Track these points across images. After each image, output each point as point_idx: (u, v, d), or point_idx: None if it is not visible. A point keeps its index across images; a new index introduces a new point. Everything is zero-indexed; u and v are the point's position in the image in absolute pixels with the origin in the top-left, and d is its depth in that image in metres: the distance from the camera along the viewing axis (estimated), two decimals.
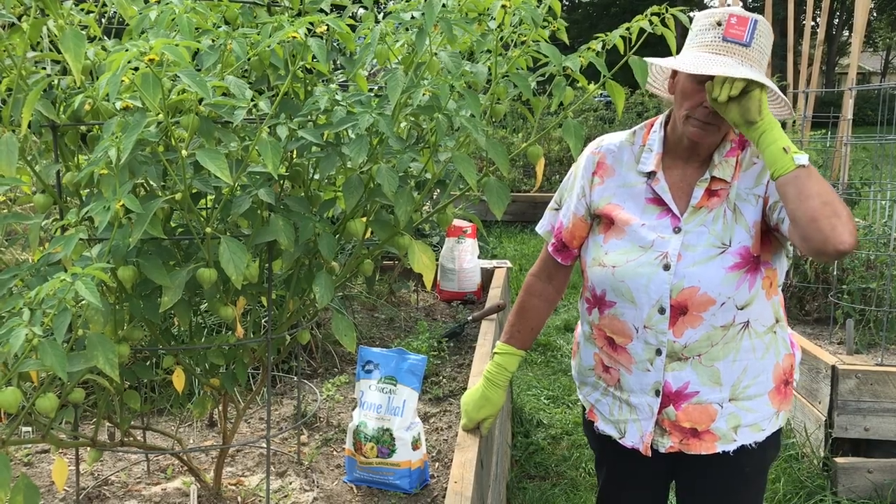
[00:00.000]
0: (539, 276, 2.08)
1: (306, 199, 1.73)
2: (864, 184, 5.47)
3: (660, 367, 1.82)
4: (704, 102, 1.70)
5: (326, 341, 3.28)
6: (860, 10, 4.64)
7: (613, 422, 1.94)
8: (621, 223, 1.84)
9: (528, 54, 1.75)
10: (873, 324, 3.93)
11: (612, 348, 1.89)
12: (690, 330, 1.77)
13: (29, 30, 1.55)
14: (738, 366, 1.81)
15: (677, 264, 1.75)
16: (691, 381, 1.81)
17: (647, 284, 1.77)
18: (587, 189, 1.92)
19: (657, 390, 1.83)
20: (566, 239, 1.97)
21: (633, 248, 1.81)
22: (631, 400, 1.88)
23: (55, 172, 1.67)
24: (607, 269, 1.83)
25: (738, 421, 1.83)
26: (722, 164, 1.79)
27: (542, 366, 5.27)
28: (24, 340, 1.25)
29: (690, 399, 1.82)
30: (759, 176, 1.78)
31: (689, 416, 1.82)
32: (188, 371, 1.86)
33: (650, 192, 1.84)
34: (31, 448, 2.40)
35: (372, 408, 2.12)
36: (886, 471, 3.41)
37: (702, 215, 1.79)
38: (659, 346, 1.80)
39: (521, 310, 2.08)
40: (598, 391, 1.99)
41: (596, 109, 10.53)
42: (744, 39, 1.67)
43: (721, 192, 1.79)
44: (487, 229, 8.64)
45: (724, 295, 1.74)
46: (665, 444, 1.86)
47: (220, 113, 1.52)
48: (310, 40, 1.51)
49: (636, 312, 1.81)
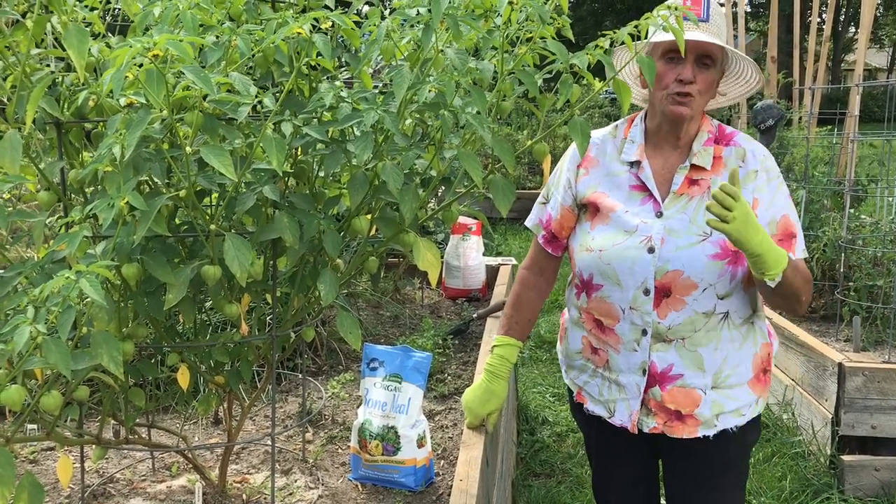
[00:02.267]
0: (531, 268, 2.17)
1: (311, 196, 1.72)
2: (870, 181, 5.44)
3: (646, 347, 1.90)
4: (678, 75, 1.82)
5: (331, 339, 3.27)
6: (867, 5, 4.62)
7: (603, 402, 2.02)
8: (606, 209, 1.93)
9: (535, 51, 1.74)
10: (880, 321, 3.91)
11: (601, 330, 1.98)
12: (674, 313, 1.87)
13: (33, 27, 1.54)
14: (719, 354, 1.90)
15: (661, 248, 1.84)
16: (675, 363, 1.90)
17: (632, 266, 1.86)
18: (573, 181, 2.01)
19: (644, 370, 1.92)
20: (555, 230, 2.06)
21: (619, 233, 1.89)
22: (619, 379, 1.96)
23: (59, 170, 1.67)
24: (594, 254, 1.92)
25: (721, 408, 1.92)
26: (701, 153, 1.91)
27: (548, 363, 5.26)
28: (28, 338, 1.24)
29: (675, 381, 1.91)
30: (743, 179, 1.87)
31: (674, 399, 1.91)
32: (193, 369, 1.86)
33: (634, 180, 1.94)
34: (37, 446, 2.39)
35: (377, 405, 2.11)
36: (894, 469, 3.40)
37: (682, 202, 1.88)
38: (644, 326, 1.89)
39: (517, 302, 2.16)
40: (585, 373, 2.07)
41: (601, 106, 10.52)
42: (701, 16, 1.85)
43: (701, 182, 1.89)
44: (492, 227, 8.63)
45: (706, 281, 1.84)
46: (649, 424, 1.95)
47: (224, 110, 1.51)
48: (314, 36, 1.50)
49: (622, 294, 1.89)
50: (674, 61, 1.84)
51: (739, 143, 1.94)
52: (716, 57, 1.86)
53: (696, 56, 1.83)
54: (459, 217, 3.93)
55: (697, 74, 1.84)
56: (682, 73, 1.82)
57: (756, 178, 1.89)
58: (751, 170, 1.90)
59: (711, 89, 1.90)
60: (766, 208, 1.87)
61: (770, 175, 1.91)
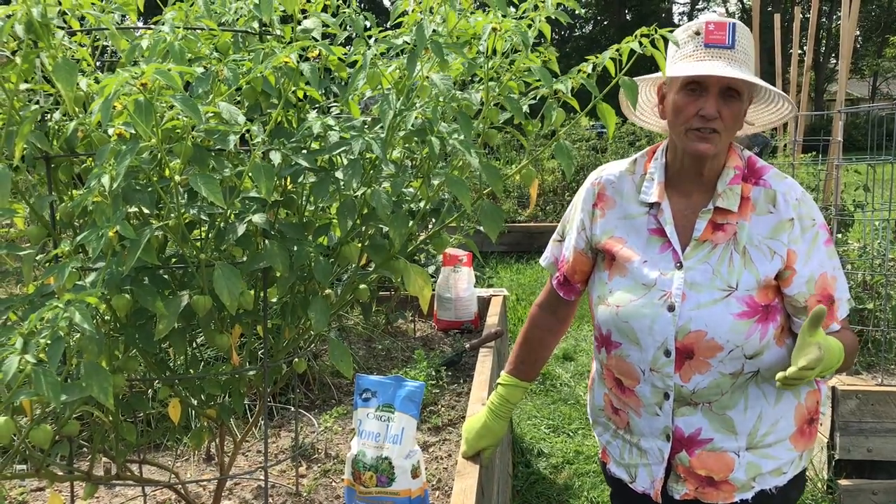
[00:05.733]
0: (543, 307, 2.04)
1: (301, 225, 1.73)
2: (856, 206, 5.49)
3: (668, 412, 1.75)
4: (700, 110, 1.65)
5: (324, 373, 3.25)
6: (846, 36, 4.72)
7: (624, 465, 1.88)
8: (622, 260, 1.78)
9: (520, 79, 1.76)
10: (871, 344, 3.92)
11: (621, 390, 1.83)
12: (698, 375, 1.70)
13: (21, 61, 1.55)
14: (751, 413, 1.73)
15: (682, 304, 1.68)
16: (703, 427, 1.74)
17: (651, 326, 1.70)
18: (587, 222, 1.87)
19: (668, 435, 1.76)
20: (568, 274, 1.93)
21: (636, 287, 1.74)
22: (641, 444, 1.82)
23: (49, 204, 1.67)
24: (611, 309, 1.77)
25: (759, 470, 1.75)
26: (726, 193, 1.72)
27: (542, 395, 5.23)
28: (16, 368, 1.23)
29: (704, 446, 1.74)
30: (774, 228, 1.70)
31: (705, 464, 1.75)
32: (184, 402, 1.84)
33: (653, 223, 1.78)
34: (26, 486, 2.36)
35: (370, 436, 2.09)
36: (891, 492, 3.38)
37: (705, 250, 1.72)
38: (666, 389, 1.73)
39: (525, 341, 2.04)
40: (608, 432, 1.94)
41: (588, 139, 10.60)
42: (726, 42, 1.67)
43: (727, 226, 1.71)
44: (484, 260, 8.64)
45: (733, 342, 1.67)
46: (680, 491, 1.78)
47: (213, 140, 1.52)
48: (302, 65, 1.52)
49: (641, 355, 1.74)
50: (695, 93, 1.66)
51: (770, 184, 1.73)
52: (742, 88, 1.67)
53: (720, 89, 1.65)
54: (450, 249, 3.94)
55: (722, 108, 1.65)
56: (705, 109, 1.65)
57: (791, 228, 1.69)
58: (784, 219, 1.70)
59: (738, 123, 1.71)
60: (803, 263, 1.69)
61: (804, 224, 1.71)
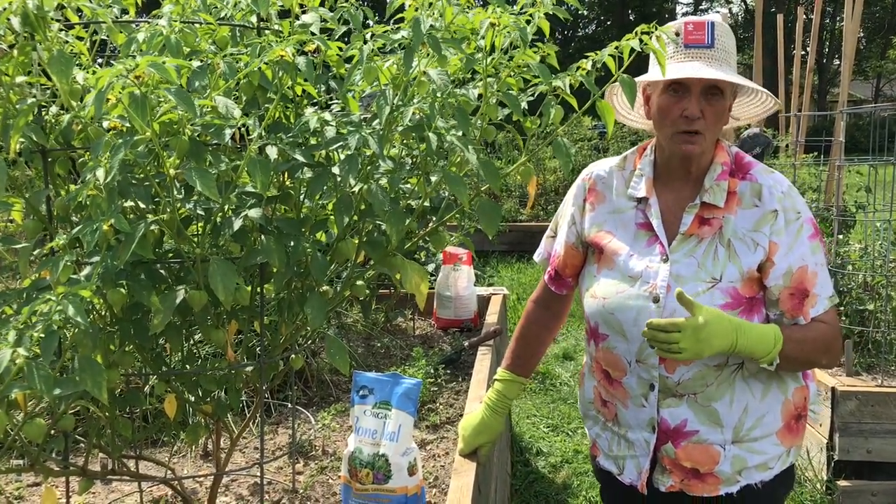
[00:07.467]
0: (538, 302, 2.07)
1: (298, 221, 1.72)
2: (858, 207, 5.49)
3: (654, 403, 1.76)
4: (684, 112, 1.69)
5: (322, 371, 3.25)
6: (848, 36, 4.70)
7: (613, 457, 1.89)
8: (610, 253, 1.81)
9: (519, 74, 1.75)
10: (872, 345, 3.91)
11: (609, 382, 1.85)
12: (683, 367, 1.71)
13: (18, 53, 1.54)
14: (737, 406, 1.74)
15: (667, 296, 1.70)
16: (689, 419, 1.74)
17: (636, 317, 1.72)
18: (577, 216, 1.91)
19: (653, 426, 1.77)
20: (559, 268, 1.97)
21: (623, 279, 1.77)
22: (628, 435, 1.83)
23: (45, 198, 1.66)
24: (598, 301, 1.80)
25: (744, 464, 1.75)
26: (713, 189, 1.75)
27: (541, 394, 5.23)
28: (9, 361, 1.23)
29: (690, 438, 1.75)
30: (758, 222, 1.72)
31: (690, 456, 1.75)
32: (181, 398, 1.84)
33: (641, 217, 1.81)
34: (22, 482, 2.36)
35: (367, 433, 2.08)
36: (891, 494, 3.37)
37: (691, 244, 1.74)
38: (651, 380, 1.75)
39: (521, 336, 2.06)
40: (598, 425, 1.95)
41: (590, 139, 10.59)
42: (705, 42, 1.71)
43: (713, 220, 1.74)
44: (484, 259, 8.64)
45: None
46: (665, 483, 1.79)
47: (208, 134, 1.52)
48: (298, 59, 1.51)
49: (627, 346, 1.77)
50: (678, 94, 1.70)
51: (756, 178, 1.75)
52: (724, 86, 1.70)
53: (702, 88, 1.68)
54: (450, 247, 3.93)
55: (705, 107, 1.69)
56: (688, 110, 1.68)
57: (775, 219, 1.71)
58: (768, 210, 1.72)
59: (722, 119, 1.74)
60: (783, 255, 1.70)
61: (789, 217, 1.72)
